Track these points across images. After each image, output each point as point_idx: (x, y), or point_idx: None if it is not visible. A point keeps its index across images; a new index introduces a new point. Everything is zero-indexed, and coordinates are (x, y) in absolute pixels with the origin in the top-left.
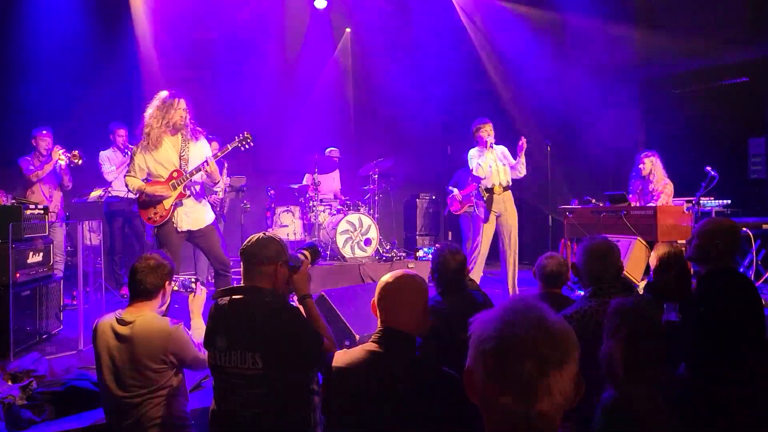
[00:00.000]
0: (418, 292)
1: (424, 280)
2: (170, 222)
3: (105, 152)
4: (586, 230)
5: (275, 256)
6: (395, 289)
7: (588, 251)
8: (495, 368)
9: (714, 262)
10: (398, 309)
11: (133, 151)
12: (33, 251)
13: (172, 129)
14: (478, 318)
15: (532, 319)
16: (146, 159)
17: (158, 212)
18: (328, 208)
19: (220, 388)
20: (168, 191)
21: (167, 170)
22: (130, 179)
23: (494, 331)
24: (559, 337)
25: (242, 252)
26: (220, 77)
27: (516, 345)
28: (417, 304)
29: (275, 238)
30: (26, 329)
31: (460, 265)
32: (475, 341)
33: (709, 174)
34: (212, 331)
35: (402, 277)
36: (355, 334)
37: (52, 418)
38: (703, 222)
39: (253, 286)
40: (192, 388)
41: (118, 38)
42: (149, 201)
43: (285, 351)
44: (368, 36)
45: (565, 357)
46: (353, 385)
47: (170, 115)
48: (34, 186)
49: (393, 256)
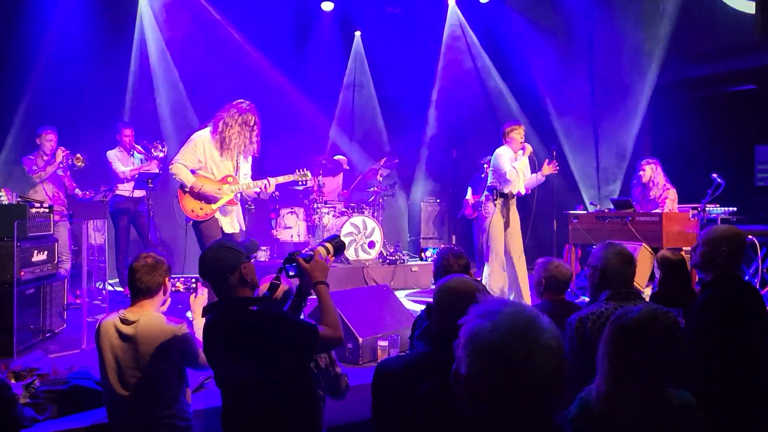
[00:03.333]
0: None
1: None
2: (215, 220)
3: (112, 151)
4: (591, 236)
5: (234, 263)
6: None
7: (617, 254)
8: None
9: (719, 269)
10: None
11: (194, 142)
12: (38, 250)
13: (245, 143)
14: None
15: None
16: (207, 153)
17: (204, 209)
18: (332, 210)
19: (226, 396)
20: (219, 193)
21: (221, 172)
22: (182, 169)
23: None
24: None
25: (203, 272)
26: (224, 78)
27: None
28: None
29: (225, 245)
30: (30, 327)
31: (464, 268)
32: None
33: (715, 181)
34: (208, 346)
35: (457, 280)
36: (359, 337)
37: (54, 416)
38: (707, 229)
39: (233, 297)
40: (195, 388)
41: (122, 39)
42: (200, 196)
43: (278, 354)
44: (374, 39)
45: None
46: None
47: (248, 134)
48: (37, 186)
49: (397, 259)
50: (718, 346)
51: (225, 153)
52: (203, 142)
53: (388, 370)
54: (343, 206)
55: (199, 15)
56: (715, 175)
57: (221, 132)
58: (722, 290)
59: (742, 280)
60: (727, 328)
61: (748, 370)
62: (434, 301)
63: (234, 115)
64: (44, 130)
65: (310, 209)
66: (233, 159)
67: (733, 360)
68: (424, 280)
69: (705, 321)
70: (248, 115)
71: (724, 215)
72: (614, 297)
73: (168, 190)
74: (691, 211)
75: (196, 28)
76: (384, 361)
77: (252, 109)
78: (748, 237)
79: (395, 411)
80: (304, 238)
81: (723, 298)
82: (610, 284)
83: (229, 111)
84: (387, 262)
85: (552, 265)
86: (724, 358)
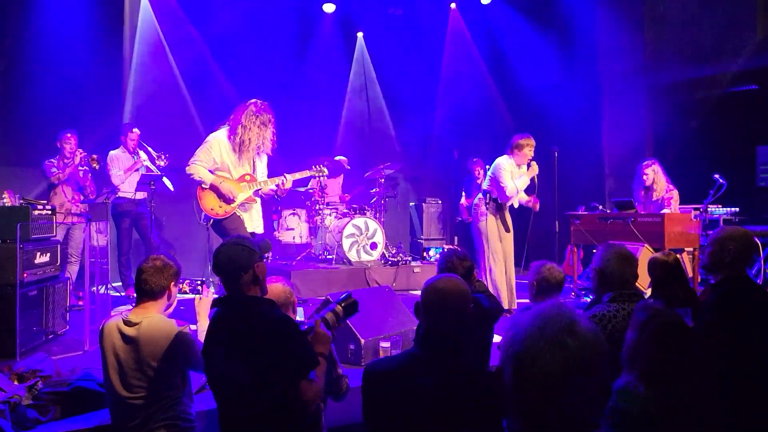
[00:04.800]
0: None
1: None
2: (237, 216)
3: (114, 152)
4: (592, 237)
5: (248, 262)
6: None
7: (619, 255)
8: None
9: (728, 268)
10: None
11: (209, 143)
12: (40, 251)
13: (263, 143)
14: (511, 322)
15: (562, 325)
16: (224, 154)
17: (223, 207)
18: (334, 212)
19: (222, 398)
20: (237, 191)
21: (238, 171)
22: (200, 168)
23: (524, 333)
24: (588, 343)
25: (217, 268)
26: (227, 80)
27: (543, 349)
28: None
29: (240, 243)
30: (33, 329)
31: (468, 270)
32: (504, 344)
33: (717, 182)
34: (210, 342)
35: (446, 280)
36: (361, 338)
37: (57, 418)
38: (715, 230)
39: (246, 296)
40: (197, 390)
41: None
42: (219, 194)
43: (280, 358)
44: (376, 41)
45: (591, 362)
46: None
47: (266, 133)
48: (57, 188)
49: (399, 261)
50: (728, 345)
51: (244, 154)
52: (219, 144)
53: (376, 372)
54: (345, 207)
55: (202, 20)
56: (717, 175)
57: (240, 135)
58: (733, 290)
59: (750, 279)
60: (739, 327)
61: (759, 369)
62: (422, 300)
63: (251, 117)
64: (63, 134)
65: (312, 211)
66: (250, 159)
67: (743, 359)
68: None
69: (716, 320)
70: (265, 115)
71: (726, 216)
72: (617, 299)
73: (169, 192)
74: (693, 212)
75: (197, 31)
76: (372, 362)
77: (267, 108)
78: None
79: (385, 412)
80: (306, 239)
81: (734, 298)
82: (610, 285)
83: (246, 113)
84: (389, 263)
85: (544, 268)
86: (734, 357)
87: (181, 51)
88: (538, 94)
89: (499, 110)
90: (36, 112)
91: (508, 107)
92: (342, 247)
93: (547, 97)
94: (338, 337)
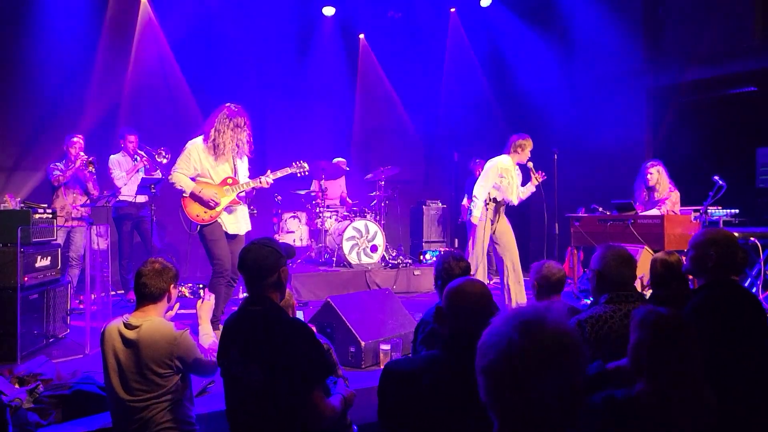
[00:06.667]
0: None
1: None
2: (217, 224)
3: (115, 156)
4: (592, 238)
5: (275, 264)
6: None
7: (616, 256)
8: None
9: (711, 273)
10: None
11: (188, 150)
12: (41, 255)
13: (238, 145)
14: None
15: (516, 323)
16: (203, 161)
17: (208, 212)
18: (335, 214)
19: (233, 397)
20: (220, 195)
21: (219, 176)
22: (181, 177)
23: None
24: (541, 345)
25: (243, 266)
26: (227, 83)
27: (491, 343)
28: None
29: (269, 245)
30: (33, 333)
31: (464, 272)
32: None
33: (716, 183)
34: (228, 341)
35: (470, 284)
36: (361, 341)
37: (58, 421)
38: (697, 233)
39: (268, 298)
40: (198, 393)
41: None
42: (201, 200)
43: (288, 366)
44: (376, 44)
45: (540, 363)
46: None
47: (241, 136)
48: (59, 190)
49: (399, 263)
50: (707, 350)
51: (220, 158)
52: (197, 150)
53: (397, 372)
54: (346, 210)
55: (203, 22)
56: (717, 177)
57: (214, 139)
58: (712, 294)
59: (736, 284)
60: (717, 333)
61: (737, 375)
62: (446, 304)
63: (224, 120)
64: (69, 137)
65: (312, 213)
66: (230, 161)
67: (722, 365)
68: (426, 283)
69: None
70: (238, 118)
71: (725, 217)
72: (613, 300)
73: (171, 195)
74: (693, 214)
75: (198, 35)
76: (392, 362)
77: (240, 111)
78: (750, 239)
79: (402, 413)
80: (307, 242)
81: (712, 303)
82: (608, 286)
83: (219, 117)
84: (389, 266)
85: (543, 267)
86: (712, 362)
87: (182, 55)
88: (537, 96)
89: (499, 112)
90: (37, 117)
91: (508, 109)
92: (342, 249)
93: (546, 98)
94: (339, 339)
